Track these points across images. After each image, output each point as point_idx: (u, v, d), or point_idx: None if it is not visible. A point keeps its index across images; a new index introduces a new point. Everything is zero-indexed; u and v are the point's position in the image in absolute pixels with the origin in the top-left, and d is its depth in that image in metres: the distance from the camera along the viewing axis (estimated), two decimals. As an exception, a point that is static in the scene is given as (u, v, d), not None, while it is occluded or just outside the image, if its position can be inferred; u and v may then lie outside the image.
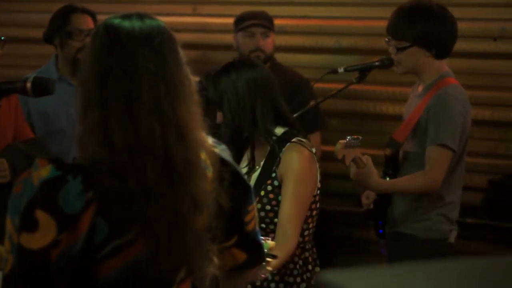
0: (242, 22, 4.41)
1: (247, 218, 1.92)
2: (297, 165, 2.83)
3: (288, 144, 2.86)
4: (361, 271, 0.94)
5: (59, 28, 4.10)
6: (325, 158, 4.73)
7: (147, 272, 1.75)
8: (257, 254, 1.98)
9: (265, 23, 4.38)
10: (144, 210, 1.70)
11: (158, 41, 1.76)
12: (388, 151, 3.38)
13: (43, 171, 1.68)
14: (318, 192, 2.93)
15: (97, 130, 1.71)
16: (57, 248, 1.66)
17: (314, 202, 2.92)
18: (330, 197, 4.83)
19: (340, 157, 3.22)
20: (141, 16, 1.80)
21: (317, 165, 2.92)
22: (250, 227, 1.94)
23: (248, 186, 1.93)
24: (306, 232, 2.94)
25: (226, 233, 1.88)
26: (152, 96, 1.73)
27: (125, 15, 1.80)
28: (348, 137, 3.23)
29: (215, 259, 1.83)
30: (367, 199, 3.56)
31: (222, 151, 1.89)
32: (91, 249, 1.69)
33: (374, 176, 3.27)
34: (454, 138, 3.35)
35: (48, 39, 4.18)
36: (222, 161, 1.86)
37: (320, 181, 2.94)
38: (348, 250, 4.92)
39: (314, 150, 2.93)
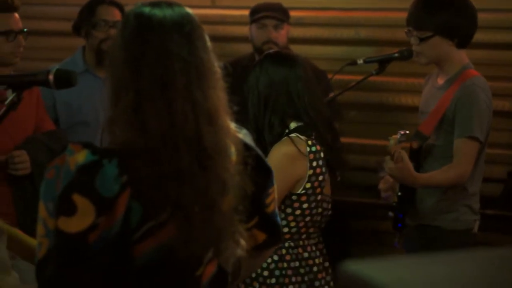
0: (255, 14, 4.41)
1: (268, 200, 1.99)
2: (271, 158, 2.83)
3: (283, 138, 2.89)
4: (386, 262, 0.95)
5: (85, 18, 4.14)
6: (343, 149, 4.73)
7: (178, 253, 1.79)
8: (276, 235, 2.04)
9: (278, 15, 4.38)
10: (177, 193, 1.74)
11: (188, 28, 1.81)
12: (415, 144, 3.38)
13: (79, 156, 1.71)
14: (306, 191, 2.92)
15: (131, 115, 1.75)
16: (95, 231, 1.69)
17: (298, 201, 2.91)
18: (348, 189, 4.83)
19: (393, 152, 3.22)
20: (170, 4, 1.84)
21: (307, 164, 2.90)
22: (270, 209, 2.00)
23: (270, 169, 1.98)
24: (285, 229, 2.93)
25: (247, 215, 1.92)
26: (184, 81, 1.77)
27: (155, 3, 1.84)
28: (400, 132, 3.24)
29: (242, 240, 1.88)
30: (385, 183, 3.55)
31: (245, 135, 1.94)
32: (127, 231, 1.73)
33: (411, 170, 3.28)
34: (482, 130, 3.37)
35: (75, 29, 4.22)
36: (246, 146, 1.91)
37: (315, 181, 2.93)
38: (364, 242, 4.92)
39: (310, 148, 2.91)
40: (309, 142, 2.90)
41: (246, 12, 4.62)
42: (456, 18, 3.39)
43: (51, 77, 2.52)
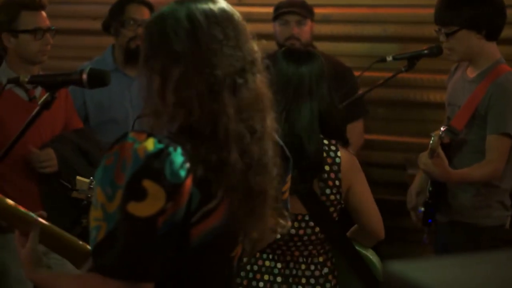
0: (277, 10, 4.41)
1: (284, 188, 2.08)
2: None
3: None
4: (429, 262, 0.94)
5: (115, 17, 4.15)
6: (368, 146, 4.72)
7: (225, 235, 1.87)
8: (286, 220, 2.10)
9: (301, 11, 4.36)
10: (228, 178, 1.81)
11: (236, 20, 1.87)
12: (447, 139, 3.37)
13: (148, 144, 1.76)
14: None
15: (189, 105, 1.80)
16: (163, 215, 1.75)
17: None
18: (373, 185, 4.81)
19: (436, 148, 3.22)
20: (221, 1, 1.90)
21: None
22: (285, 196, 2.10)
23: (289, 158, 2.07)
24: None
25: None
26: (249, 71, 1.85)
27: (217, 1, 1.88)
28: (442, 129, 3.25)
29: (274, 229, 1.98)
30: (410, 203, 3.57)
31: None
32: (188, 216, 1.79)
33: (446, 166, 3.27)
34: None
35: (105, 27, 4.24)
36: None
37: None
38: (390, 239, 4.90)
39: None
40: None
41: (271, 10, 4.61)
42: (480, 9, 3.38)
43: (84, 76, 2.52)
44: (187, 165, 1.77)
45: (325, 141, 2.81)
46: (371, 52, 4.71)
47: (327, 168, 2.80)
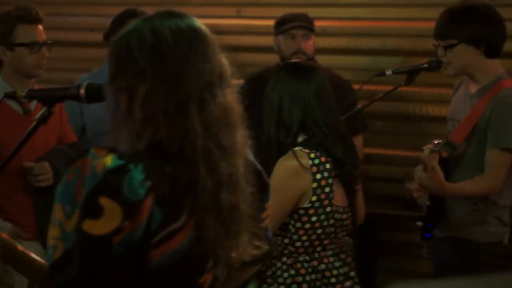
0: (283, 25, 4.39)
1: (263, 215, 2.00)
2: (275, 174, 2.88)
3: (288, 153, 2.90)
4: (436, 283, 0.91)
5: (116, 30, 4.13)
6: (367, 160, 4.69)
7: (187, 259, 1.81)
8: (266, 251, 2.04)
9: (306, 25, 4.37)
10: (194, 200, 1.76)
11: (202, 34, 1.84)
12: (445, 153, 3.34)
13: (107, 160, 1.72)
14: (312, 204, 2.89)
15: (161, 121, 1.76)
16: (119, 234, 1.70)
17: (305, 214, 2.90)
18: (371, 199, 4.78)
19: (427, 162, 3.19)
20: (185, 15, 1.86)
21: (311, 177, 2.89)
22: (264, 223, 2.02)
23: (267, 184, 2.00)
24: (297, 243, 2.94)
25: None
26: (213, 90, 1.81)
27: (174, 15, 1.85)
28: (434, 142, 3.22)
29: (245, 250, 1.89)
30: (412, 185, 3.52)
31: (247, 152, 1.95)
32: (148, 236, 1.74)
33: (442, 180, 3.24)
34: None
35: (106, 40, 4.22)
36: (248, 161, 1.92)
37: (321, 193, 2.90)
38: (390, 253, 4.87)
39: (312, 161, 2.89)
40: (312, 155, 2.89)
41: (270, 22, 4.60)
42: (481, 27, 3.38)
43: (82, 91, 2.50)
44: (148, 183, 1.72)
45: None
46: (370, 66, 4.69)
47: None
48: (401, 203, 3.73)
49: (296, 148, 2.90)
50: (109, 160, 1.72)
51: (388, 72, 3.57)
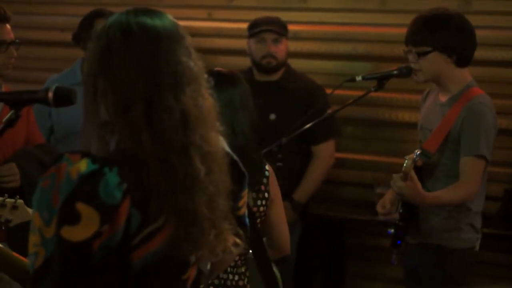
0: (254, 28, 4.41)
1: (240, 204, 2.02)
2: None
3: None
4: None
5: (84, 30, 4.12)
6: (339, 165, 4.69)
7: (171, 257, 1.81)
8: (244, 238, 2.04)
9: (277, 29, 4.37)
10: (173, 199, 1.76)
11: (186, 36, 1.84)
12: (420, 162, 3.35)
13: (81, 165, 1.72)
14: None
15: (138, 124, 1.75)
16: (98, 239, 1.70)
17: None
18: (342, 204, 4.80)
19: (409, 172, 3.20)
20: (160, 12, 1.85)
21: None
22: (241, 211, 2.03)
23: (244, 173, 2.01)
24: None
25: None
26: (190, 90, 1.80)
27: (147, 12, 1.83)
28: (416, 152, 3.24)
29: (225, 242, 1.89)
30: (383, 208, 3.52)
31: (221, 141, 1.94)
32: (127, 238, 1.74)
33: (420, 189, 3.26)
34: (489, 149, 3.38)
35: (75, 40, 4.20)
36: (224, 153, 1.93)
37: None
38: (360, 258, 4.88)
39: None
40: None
41: (242, 25, 4.61)
42: (454, 37, 3.40)
43: (50, 94, 2.47)
44: (124, 185, 1.71)
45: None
46: (341, 70, 4.71)
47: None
48: (372, 208, 3.72)
49: None
50: (83, 165, 1.72)
51: (358, 78, 3.58)
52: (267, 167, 2.93)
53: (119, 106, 1.75)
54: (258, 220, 2.91)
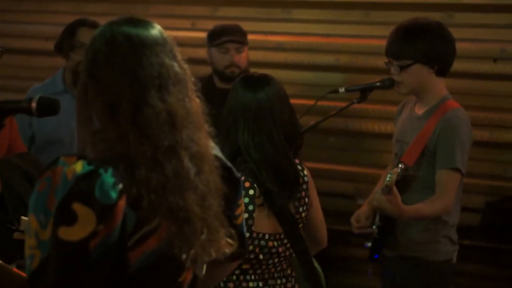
0: (215, 38, 4.41)
1: (237, 212, 2.02)
2: None
3: None
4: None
5: (66, 39, 4.12)
6: (318, 175, 4.71)
7: (167, 258, 1.83)
8: (243, 247, 2.07)
9: (239, 38, 4.39)
10: (168, 199, 1.79)
11: (168, 40, 1.87)
12: (398, 175, 3.36)
13: (77, 166, 1.75)
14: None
15: (127, 126, 1.79)
16: (95, 239, 1.72)
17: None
18: (325, 215, 4.80)
19: (393, 186, 3.23)
20: (146, 21, 1.89)
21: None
22: (239, 220, 2.04)
23: (239, 180, 2.02)
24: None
25: None
26: (177, 92, 1.83)
27: (132, 21, 1.87)
28: (401, 166, 3.28)
29: (220, 247, 1.91)
30: (357, 222, 3.53)
31: (213, 148, 1.96)
32: (124, 238, 1.76)
33: (399, 202, 3.28)
34: (463, 162, 3.39)
35: (57, 49, 4.19)
36: (216, 157, 1.95)
37: (246, 203, 2.79)
38: (337, 269, 4.89)
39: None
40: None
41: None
42: (436, 46, 3.41)
43: (34, 105, 2.47)
44: (120, 186, 1.74)
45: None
46: (324, 81, 4.73)
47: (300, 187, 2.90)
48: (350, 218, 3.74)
49: None
50: (79, 166, 1.74)
51: (341, 90, 3.60)
52: (305, 171, 2.92)
53: (107, 110, 1.79)
54: (301, 225, 2.91)
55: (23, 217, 2.63)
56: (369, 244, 3.49)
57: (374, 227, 3.47)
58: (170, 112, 1.81)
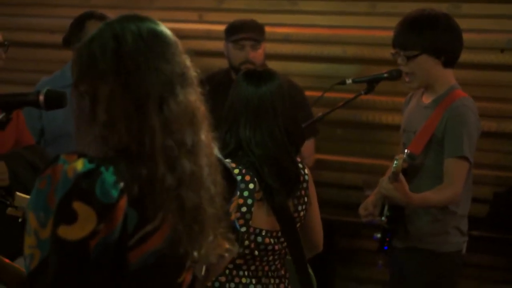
0: (232, 35, 4.40)
1: (231, 209, 2.03)
2: None
3: None
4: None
5: (74, 32, 4.11)
6: (325, 167, 4.71)
7: (168, 258, 1.82)
8: (236, 242, 2.06)
9: (255, 36, 4.37)
10: (160, 196, 1.77)
11: (163, 36, 1.85)
12: (405, 164, 3.36)
13: (78, 164, 1.73)
14: (240, 209, 2.76)
15: (128, 123, 1.77)
16: (95, 238, 1.70)
17: (241, 218, 2.77)
18: (328, 206, 4.80)
19: (399, 172, 3.21)
20: (149, 19, 1.88)
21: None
22: (233, 216, 2.05)
23: (236, 179, 2.03)
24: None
25: None
26: (179, 91, 1.82)
27: (137, 18, 1.86)
28: (406, 152, 3.26)
29: (219, 246, 1.90)
30: (365, 210, 3.52)
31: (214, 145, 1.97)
32: (125, 238, 1.74)
33: (407, 190, 3.27)
34: (471, 151, 3.38)
35: (65, 43, 4.19)
36: (218, 159, 1.95)
37: (235, 212, 2.75)
38: (345, 261, 4.90)
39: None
40: (236, 171, 2.76)
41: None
42: (443, 37, 3.40)
43: (41, 97, 2.48)
44: (121, 184, 1.72)
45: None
46: (331, 73, 4.72)
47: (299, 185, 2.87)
48: (353, 209, 3.74)
49: (227, 160, 2.78)
50: (80, 165, 1.72)
51: (349, 81, 3.59)
52: (306, 170, 2.90)
53: (130, 107, 1.77)
54: (298, 225, 2.88)
55: (17, 193, 2.60)
56: (378, 236, 3.48)
57: (383, 218, 3.45)
58: (193, 111, 1.81)
